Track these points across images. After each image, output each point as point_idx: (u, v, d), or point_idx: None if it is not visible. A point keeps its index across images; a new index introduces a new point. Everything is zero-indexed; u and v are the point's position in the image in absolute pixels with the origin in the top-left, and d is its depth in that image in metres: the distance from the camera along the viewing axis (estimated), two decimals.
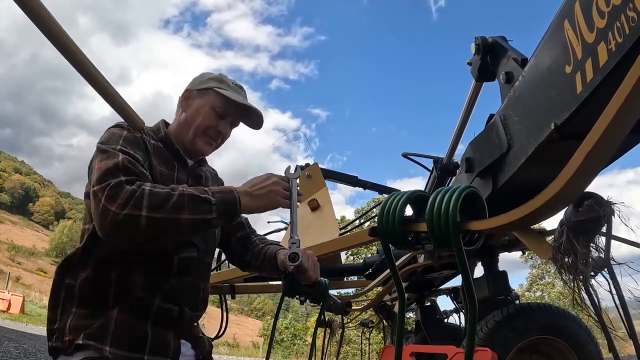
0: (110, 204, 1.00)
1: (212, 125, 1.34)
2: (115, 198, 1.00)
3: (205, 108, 1.34)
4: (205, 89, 1.36)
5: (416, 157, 3.11)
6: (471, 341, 0.68)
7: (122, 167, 1.07)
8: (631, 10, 0.79)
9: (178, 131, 1.35)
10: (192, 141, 1.33)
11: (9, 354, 6.02)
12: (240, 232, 1.51)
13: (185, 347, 1.21)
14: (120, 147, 1.13)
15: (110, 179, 1.04)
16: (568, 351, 1.89)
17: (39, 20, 0.76)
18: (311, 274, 1.28)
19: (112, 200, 1.00)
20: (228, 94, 1.34)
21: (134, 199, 1.01)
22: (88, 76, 1.01)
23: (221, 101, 1.34)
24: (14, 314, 17.10)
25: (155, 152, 1.26)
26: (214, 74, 1.42)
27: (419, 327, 3.50)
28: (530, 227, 0.94)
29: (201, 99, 1.35)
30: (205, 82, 1.38)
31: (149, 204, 1.01)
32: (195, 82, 1.41)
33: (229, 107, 1.35)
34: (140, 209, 1.00)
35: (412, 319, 4.53)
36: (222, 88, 1.36)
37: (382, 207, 0.79)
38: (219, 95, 1.34)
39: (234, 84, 1.40)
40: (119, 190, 1.01)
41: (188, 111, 1.36)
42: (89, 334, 1.06)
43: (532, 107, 1.24)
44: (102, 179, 1.04)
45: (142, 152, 1.19)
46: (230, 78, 1.42)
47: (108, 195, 1.01)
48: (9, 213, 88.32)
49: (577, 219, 0.99)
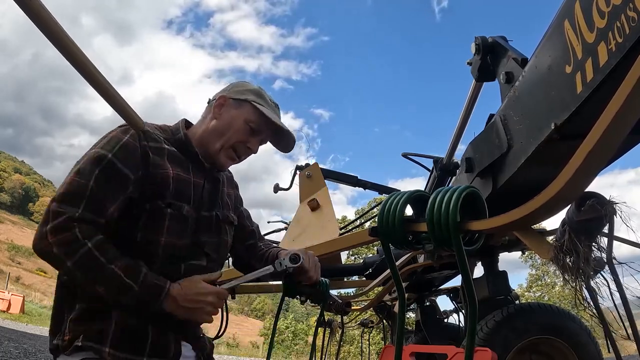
0: (52, 233, 1.02)
1: (243, 140, 1.29)
2: (58, 232, 1.02)
3: (240, 121, 1.28)
4: (243, 100, 1.30)
5: (416, 157, 3.12)
6: (471, 341, 0.68)
7: (88, 195, 1.07)
8: (631, 10, 0.79)
9: (204, 136, 1.30)
10: (217, 153, 1.29)
11: (9, 354, 6.02)
12: (251, 240, 1.49)
13: (186, 348, 1.21)
14: (111, 156, 1.11)
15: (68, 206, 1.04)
16: (568, 351, 1.90)
17: (39, 20, 0.76)
18: (312, 275, 1.28)
19: (55, 231, 1.02)
20: (266, 111, 1.28)
21: (71, 246, 1.02)
22: (88, 76, 1.00)
23: (257, 117, 1.29)
24: (14, 314, 17.11)
25: (171, 157, 1.22)
26: (253, 86, 1.36)
27: (419, 327, 3.50)
28: (530, 227, 0.94)
29: (237, 110, 1.29)
30: (244, 92, 1.32)
31: (77, 260, 1.02)
32: (232, 90, 1.34)
33: (263, 125, 1.30)
34: (69, 258, 1.02)
35: (412, 319, 4.53)
36: (260, 104, 1.30)
37: (382, 207, 0.79)
38: (256, 110, 1.29)
39: (271, 101, 1.35)
40: (67, 228, 1.03)
41: (220, 120, 1.30)
42: (88, 336, 1.06)
43: (532, 107, 1.24)
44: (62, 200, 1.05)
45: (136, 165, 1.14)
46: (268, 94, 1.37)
47: (55, 225, 1.02)
48: (9, 213, 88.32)
49: (579, 219, 0.99)
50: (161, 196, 1.16)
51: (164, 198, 1.17)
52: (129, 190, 1.13)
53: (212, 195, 1.32)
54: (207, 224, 1.27)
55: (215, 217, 1.31)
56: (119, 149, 1.13)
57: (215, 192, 1.33)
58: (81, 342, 1.05)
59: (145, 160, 1.16)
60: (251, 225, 1.52)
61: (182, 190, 1.21)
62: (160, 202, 1.16)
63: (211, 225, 1.28)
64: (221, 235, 1.32)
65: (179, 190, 1.20)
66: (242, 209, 1.52)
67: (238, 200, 1.51)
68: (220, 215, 1.32)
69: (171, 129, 1.31)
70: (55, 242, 1.02)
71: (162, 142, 1.24)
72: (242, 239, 1.47)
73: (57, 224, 1.03)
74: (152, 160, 1.17)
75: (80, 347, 1.05)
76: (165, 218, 1.16)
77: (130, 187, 1.13)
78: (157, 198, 1.16)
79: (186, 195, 1.22)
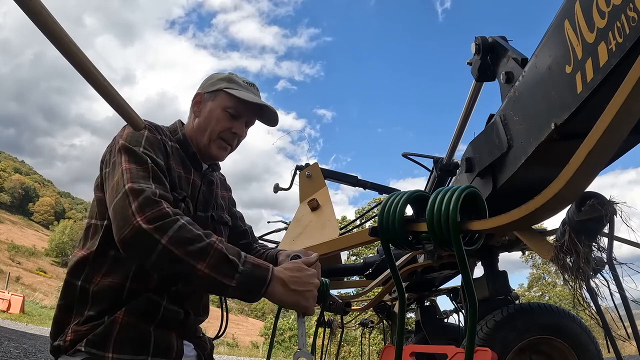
0: (139, 213, 0.95)
1: (226, 128, 1.30)
2: (146, 209, 0.96)
3: (217, 111, 1.30)
4: (215, 91, 1.32)
5: (416, 157, 3.12)
6: (471, 341, 0.68)
7: (152, 174, 1.05)
8: (631, 10, 0.79)
9: (192, 136, 1.32)
10: (208, 146, 1.30)
11: (9, 354, 6.02)
12: (243, 240, 1.50)
13: (188, 348, 1.21)
14: (143, 149, 1.11)
15: (143, 184, 1.00)
16: (568, 351, 1.89)
17: (39, 20, 0.76)
18: None
19: (143, 209, 0.96)
20: (239, 93, 1.30)
21: (163, 221, 0.95)
22: (88, 76, 1.00)
23: (233, 102, 1.30)
24: (14, 314, 17.10)
25: (174, 154, 1.23)
26: (223, 74, 1.37)
27: (419, 327, 3.50)
28: (531, 227, 0.94)
29: (212, 101, 1.31)
30: (215, 83, 1.34)
31: (174, 236, 0.94)
32: (205, 85, 1.37)
33: (241, 107, 1.31)
34: (163, 235, 0.94)
35: (412, 319, 4.53)
36: (233, 88, 1.31)
37: (382, 207, 0.79)
38: (229, 96, 1.30)
39: (244, 82, 1.36)
40: (154, 205, 0.97)
41: (201, 116, 1.32)
42: (91, 341, 1.04)
43: (532, 107, 1.24)
44: (136, 181, 1.00)
45: (162, 155, 1.16)
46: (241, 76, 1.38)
47: (141, 203, 0.96)
48: (9, 213, 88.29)
49: (580, 219, 0.99)
50: (175, 189, 1.17)
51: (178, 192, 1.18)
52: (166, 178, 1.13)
53: (207, 197, 1.33)
54: (203, 224, 1.27)
55: (211, 218, 1.32)
56: (146, 142, 1.13)
57: (210, 194, 1.35)
58: (84, 348, 1.04)
59: (166, 151, 1.19)
60: (244, 225, 1.53)
61: (184, 189, 1.23)
62: (176, 194, 1.16)
63: (207, 226, 1.28)
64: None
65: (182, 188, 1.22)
66: (235, 210, 1.53)
67: (231, 202, 1.53)
68: (215, 216, 1.33)
69: (169, 130, 1.32)
70: (145, 218, 0.94)
71: (169, 138, 1.26)
72: (235, 239, 1.48)
73: (143, 201, 0.96)
74: (169, 152, 1.20)
75: (83, 352, 1.04)
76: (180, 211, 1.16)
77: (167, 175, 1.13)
78: (173, 190, 1.16)
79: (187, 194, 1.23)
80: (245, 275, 0.98)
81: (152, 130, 1.18)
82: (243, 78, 1.38)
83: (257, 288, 0.99)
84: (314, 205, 3.10)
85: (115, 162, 1.10)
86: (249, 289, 0.99)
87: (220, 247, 0.98)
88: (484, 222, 0.71)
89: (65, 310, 1.12)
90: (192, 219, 1.23)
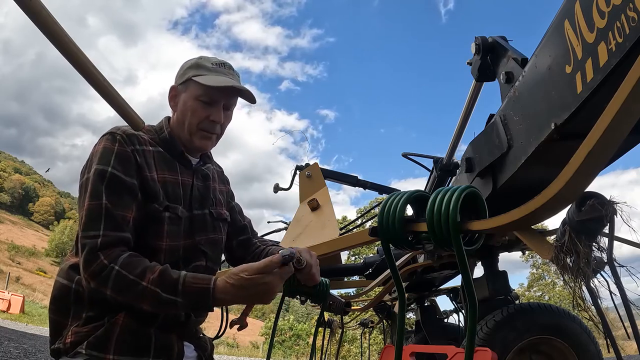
0: (85, 269, 1.05)
1: (203, 117, 1.25)
2: (89, 266, 1.05)
3: (190, 102, 1.25)
4: (186, 81, 1.27)
5: (416, 157, 3.12)
6: (471, 341, 0.68)
7: (105, 214, 1.08)
8: (631, 10, 0.79)
9: (174, 132, 1.29)
10: (190, 139, 1.27)
11: (9, 354, 6.02)
12: (243, 235, 1.49)
13: (189, 349, 1.21)
14: (112, 168, 1.11)
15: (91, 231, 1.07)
16: (568, 351, 1.90)
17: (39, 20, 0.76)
18: (314, 275, 1.29)
19: (87, 266, 1.05)
20: (207, 79, 1.23)
21: (101, 275, 1.04)
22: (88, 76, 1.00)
23: (203, 89, 1.24)
24: (14, 314, 17.10)
25: (156, 159, 1.21)
26: (191, 61, 1.31)
27: (419, 327, 3.50)
28: (531, 227, 0.94)
29: (185, 93, 1.27)
30: (184, 73, 1.28)
31: (113, 286, 1.04)
32: (177, 76, 1.32)
33: (213, 93, 1.24)
34: (106, 287, 1.04)
35: (412, 319, 4.53)
36: (201, 74, 1.25)
37: (382, 207, 0.79)
38: (198, 85, 1.24)
39: (214, 64, 1.28)
40: (93, 260, 1.05)
41: (178, 110, 1.29)
42: (91, 343, 1.05)
43: (533, 107, 1.24)
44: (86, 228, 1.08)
45: (133, 170, 1.14)
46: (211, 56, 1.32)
47: (85, 259, 1.06)
48: (9, 213, 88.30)
49: (580, 219, 0.99)
50: (156, 200, 1.16)
51: (160, 202, 1.16)
52: (138, 197, 1.14)
53: (203, 193, 1.31)
54: (201, 222, 1.27)
55: (209, 215, 1.31)
56: (115, 160, 1.12)
57: (206, 189, 1.33)
58: (85, 351, 1.04)
59: (137, 165, 1.16)
60: (243, 220, 1.52)
61: (173, 192, 1.21)
62: (157, 206, 1.16)
63: (205, 224, 1.28)
64: (215, 233, 1.32)
65: (170, 193, 1.20)
66: (234, 203, 1.51)
67: (230, 195, 1.50)
68: (214, 212, 1.32)
69: (155, 129, 1.30)
70: (90, 274, 1.05)
71: (147, 143, 1.22)
72: (234, 234, 1.46)
73: (85, 258, 1.05)
74: (141, 164, 1.16)
75: (84, 354, 1.04)
76: (164, 222, 1.16)
77: (138, 193, 1.14)
78: (153, 202, 1.15)
79: (177, 197, 1.22)
80: (186, 296, 1.04)
81: (124, 143, 1.15)
82: (213, 58, 1.31)
83: (204, 301, 1.06)
84: (314, 205, 3.10)
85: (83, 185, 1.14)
86: (196, 306, 1.07)
87: (153, 288, 1.04)
88: (484, 222, 0.71)
89: (61, 312, 1.12)
90: (189, 219, 1.23)
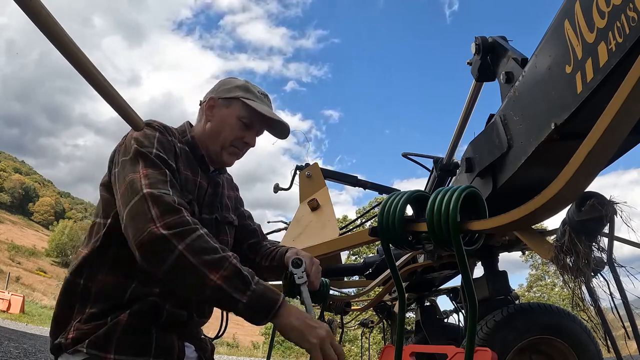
0: (160, 218, 0.95)
1: (239, 137, 1.31)
2: (166, 216, 0.96)
3: (232, 119, 1.30)
4: (231, 98, 1.32)
5: (416, 157, 3.12)
6: (471, 341, 0.68)
7: (169, 180, 1.06)
8: (631, 10, 0.79)
9: (203, 139, 1.32)
10: (219, 153, 1.31)
11: (9, 354, 6.02)
12: (253, 239, 1.50)
13: (189, 349, 1.21)
14: (156, 150, 1.11)
15: (162, 190, 1.01)
16: (568, 351, 1.90)
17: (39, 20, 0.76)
18: (313, 281, 1.30)
19: (163, 215, 0.96)
20: (255, 105, 1.30)
21: (183, 228, 0.96)
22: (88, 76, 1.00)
23: (248, 112, 1.30)
24: (14, 314, 17.10)
25: (182, 156, 1.24)
26: (239, 82, 1.37)
27: (419, 327, 3.50)
28: (531, 227, 0.94)
29: (227, 109, 1.31)
30: (231, 90, 1.33)
31: (191, 243, 0.95)
32: (220, 90, 1.36)
33: (255, 118, 1.32)
34: (181, 241, 0.94)
35: (412, 319, 4.53)
36: (249, 98, 1.32)
37: (382, 207, 0.79)
38: (245, 106, 1.30)
39: (260, 93, 1.36)
40: (175, 212, 0.97)
41: (213, 121, 1.32)
42: (92, 342, 1.04)
43: (532, 107, 1.24)
44: (155, 186, 1.01)
45: (173, 157, 1.17)
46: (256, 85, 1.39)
47: (162, 209, 0.96)
48: (9, 213, 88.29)
49: (580, 219, 0.99)
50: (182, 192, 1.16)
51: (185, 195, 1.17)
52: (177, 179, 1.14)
53: (213, 199, 1.33)
54: (207, 226, 1.27)
55: (215, 220, 1.32)
56: (158, 144, 1.14)
57: (215, 196, 1.35)
58: (85, 349, 1.03)
59: (175, 153, 1.19)
60: (253, 224, 1.53)
61: (191, 191, 1.23)
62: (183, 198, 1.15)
63: (211, 228, 1.28)
64: (221, 236, 1.33)
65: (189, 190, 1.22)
66: (243, 209, 1.53)
67: (238, 202, 1.52)
68: (219, 217, 1.33)
69: (178, 131, 1.32)
70: (165, 224, 0.95)
71: (178, 139, 1.26)
72: (244, 238, 1.48)
73: (165, 208, 0.97)
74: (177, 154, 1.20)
75: (84, 352, 1.04)
76: None
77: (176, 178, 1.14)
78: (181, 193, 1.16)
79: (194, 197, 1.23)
80: (257, 293, 0.97)
81: (163, 132, 1.19)
82: (258, 87, 1.38)
83: (267, 309, 0.98)
84: (314, 205, 3.10)
85: (125, 163, 1.10)
86: (259, 308, 0.97)
87: (235, 262, 0.98)
88: (484, 222, 0.71)
89: (67, 308, 1.12)
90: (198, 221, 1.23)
